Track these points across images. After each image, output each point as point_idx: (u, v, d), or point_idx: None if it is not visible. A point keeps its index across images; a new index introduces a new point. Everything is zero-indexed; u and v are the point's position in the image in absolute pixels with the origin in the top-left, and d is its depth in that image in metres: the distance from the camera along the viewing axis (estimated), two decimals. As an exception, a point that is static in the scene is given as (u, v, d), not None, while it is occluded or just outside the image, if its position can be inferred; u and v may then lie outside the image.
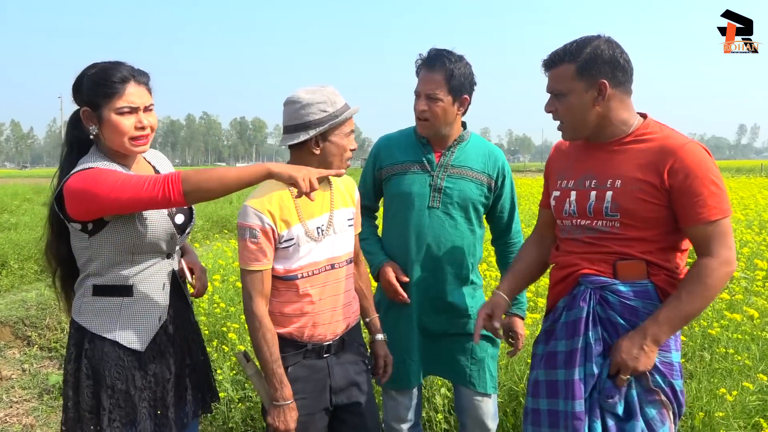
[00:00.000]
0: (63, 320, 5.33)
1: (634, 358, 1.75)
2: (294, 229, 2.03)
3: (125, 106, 1.87)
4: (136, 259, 1.98)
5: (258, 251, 1.98)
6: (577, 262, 1.92)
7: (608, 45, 1.83)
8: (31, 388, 4.35)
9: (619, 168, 1.85)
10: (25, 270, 7.67)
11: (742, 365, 3.15)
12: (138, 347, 1.98)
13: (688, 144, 1.78)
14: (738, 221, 7.28)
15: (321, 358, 2.11)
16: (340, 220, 2.16)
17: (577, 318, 1.88)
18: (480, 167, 2.41)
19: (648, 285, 1.83)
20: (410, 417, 2.52)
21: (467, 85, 2.33)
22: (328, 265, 2.11)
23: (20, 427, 3.74)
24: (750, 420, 2.79)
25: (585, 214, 1.91)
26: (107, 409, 1.94)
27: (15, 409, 4.03)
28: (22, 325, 5.18)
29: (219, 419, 3.57)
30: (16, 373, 4.62)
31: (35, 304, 5.47)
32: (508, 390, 3.18)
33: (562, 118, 1.92)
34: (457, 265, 2.41)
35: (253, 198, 2.01)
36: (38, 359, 4.87)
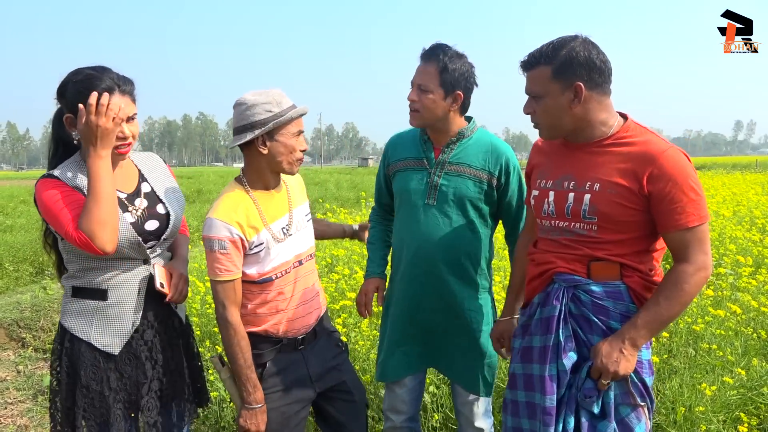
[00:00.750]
0: (57, 322, 5.36)
1: (614, 362, 1.78)
2: (262, 234, 2.10)
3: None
4: (109, 265, 2.01)
5: (228, 262, 2.03)
6: (552, 260, 1.96)
7: (584, 47, 1.83)
8: (26, 389, 4.38)
9: (598, 171, 1.86)
10: (20, 272, 7.71)
11: (726, 361, 3.19)
12: (111, 350, 2.02)
13: (669, 150, 1.79)
14: (728, 219, 7.33)
15: (296, 350, 2.22)
16: (299, 217, 2.26)
17: (550, 316, 1.92)
18: (480, 164, 2.36)
19: (620, 286, 1.87)
20: (405, 409, 2.54)
21: (461, 82, 2.30)
22: (296, 261, 2.20)
23: (15, 428, 3.77)
24: (731, 414, 2.84)
25: (563, 215, 1.93)
26: (81, 407, 2.00)
27: (9, 410, 4.06)
28: (16, 326, 5.20)
29: (211, 418, 3.61)
30: (11, 374, 4.64)
31: (30, 306, 5.50)
32: (502, 390, 3.22)
33: (539, 119, 1.93)
34: (453, 265, 2.38)
35: (217, 210, 2.05)
36: (33, 361, 4.90)
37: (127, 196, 2.06)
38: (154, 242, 2.07)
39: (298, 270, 2.21)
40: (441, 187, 2.36)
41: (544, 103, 1.89)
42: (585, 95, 1.83)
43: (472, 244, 2.39)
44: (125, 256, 2.01)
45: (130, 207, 2.04)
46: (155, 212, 2.09)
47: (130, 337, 2.04)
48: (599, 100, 1.87)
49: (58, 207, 1.87)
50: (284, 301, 2.16)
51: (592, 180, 1.87)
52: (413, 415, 2.59)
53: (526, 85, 1.93)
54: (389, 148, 2.58)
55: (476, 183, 2.36)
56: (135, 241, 2.00)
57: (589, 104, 1.85)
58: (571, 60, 1.81)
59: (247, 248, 2.07)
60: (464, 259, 2.39)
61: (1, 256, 7.96)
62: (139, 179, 2.14)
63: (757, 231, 6.66)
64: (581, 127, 1.90)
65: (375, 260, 2.63)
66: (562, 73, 1.83)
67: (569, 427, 1.84)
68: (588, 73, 1.82)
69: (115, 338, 2.02)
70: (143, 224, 2.04)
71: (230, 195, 2.10)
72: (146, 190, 2.13)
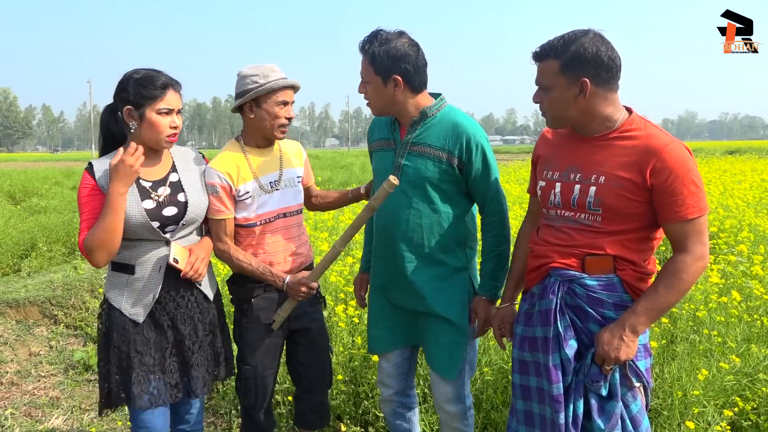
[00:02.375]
0: (87, 300, 5.60)
1: (615, 348, 1.87)
2: (249, 184, 2.50)
3: (165, 108, 2.25)
4: (135, 244, 2.31)
5: (219, 203, 2.45)
6: (549, 255, 2.04)
7: (593, 43, 1.86)
8: (58, 363, 4.63)
9: (603, 164, 1.94)
10: (54, 252, 8.00)
11: (726, 347, 3.25)
12: (137, 318, 2.33)
13: (671, 144, 1.85)
14: (751, 205, 7.23)
15: (279, 291, 2.57)
16: (289, 177, 2.63)
17: (548, 308, 2.02)
18: (439, 144, 2.33)
19: (614, 279, 1.96)
20: (392, 384, 2.63)
21: (395, 65, 2.26)
22: (280, 213, 2.58)
23: (47, 399, 4.01)
24: (728, 398, 2.91)
25: (569, 206, 2.01)
26: (114, 364, 2.33)
27: (43, 383, 4.30)
28: (49, 304, 5.45)
29: (230, 394, 3.79)
30: (44, 349, 4.90)
31: (61, 284, 5.75)
32: (499, 368, 3.32)
33: (546, 109, 2.01)
34: (416, 245, 2.39)
35: (214, 160, 2.50)
36: (64, 337, 5.15)
37: (153, 184, 2.33)
38: (173, 226, 2.32)
39: (281, 221, 2.58)
40: (403, 167, 2.38)
41: (551, 95, 1.96)
42: (590, 90, 1.89)
43: (437, 224, 2.37)
44: (141, 237, 2.29)
45: (152, 194, 2.31)
46: (176, 200, 2.34)
47: (152, 308, 2.33)
48: (605, 96, 1.92)
49: (81, 209, 2.25)
50: (267, 246, 2.56)
51: (597, 173, 1.94)
52: (402, 389, 2.66)
53: (536, 76, 2.00)
54: (369, 129, 2.65)
55: (435, 163, 2.33)
56: (148, 226, 2.27)
57: (595, 99, 1.91)
58: (579, 56, 1.87)
59: (236, 195, 2.48)
60: (428, 240, 2.38)
61: (36, 236, 8.25)
62: (170, 169, 2.40)
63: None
64: (586, 120, 1.97)
65: (364, 255, 2.80)
66: (569, 68, 1.89)
67: (579, 411, 1.95)
68: (595, 70, 1.88)
69: (140, 308, 2.32)
70: (162, 210, 2.29)
71: (226, 149, 2.54)
72: (173, 180, 2.39)
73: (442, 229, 2.39)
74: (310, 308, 2.71)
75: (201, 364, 2.42)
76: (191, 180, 2.42)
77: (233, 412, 3.69)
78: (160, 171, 2.38)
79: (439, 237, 2.39)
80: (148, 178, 2.34)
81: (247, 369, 2.60)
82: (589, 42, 1.87)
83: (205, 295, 2.47)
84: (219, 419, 3.73)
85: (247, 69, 2.47)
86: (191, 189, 2.39)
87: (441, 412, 2.56)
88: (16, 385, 4.26)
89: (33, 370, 4.49)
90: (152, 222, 2.27)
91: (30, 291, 5.64)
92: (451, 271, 2.43)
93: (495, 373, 3.31)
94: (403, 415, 2.72)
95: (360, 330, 3.77)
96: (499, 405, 3.19)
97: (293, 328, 2.68)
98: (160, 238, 2.30)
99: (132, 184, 2.24)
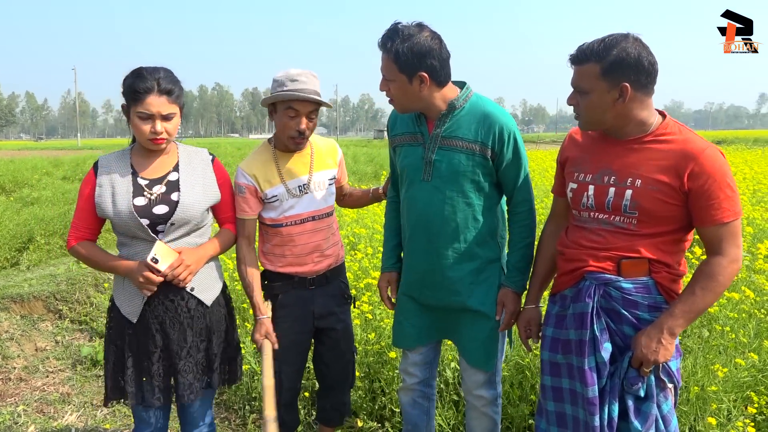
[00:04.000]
0: (92, 294, 5.57)
1: (653, 351, 1.91)
2: (276, 188, 2.54)
3: (143, 113, 2.22)
4: (131, 242, 2.35)
5: (244, 203, 2.53)
6: (583, 258, 2.06)
7: (635, 47, 1.87)
8: (65, 359, 4.61)
9: (639, 167, 1.95)
10: (51, 245, 7.93)
11: (738, 342, 3.30)
12: (131, 318, 2.35)
13: (708, 149, 1.88)
14: (746, 199, 7.31)
15: (307, 289, 2.64)
16: (320, 180, 2.64)
17: (583, 312, 2.04)
18: (472, 136, 2.30)
19: (649, 281, 1.99)
20: (417, 373, 2.64)
21: (420, 61, 2.20)
22: (309, 216, 2.61)
23: (58, 395, 4.00)
24: (742, 393, 2.96)
25: (603, 208, 2.02)
26: (110, 361, 2.40)
27: (51, 378, 4.29)
28: (53, 299, 5.42)
29: (242, 389, 3.80)
30: (50, 344, 4.87)
31: (65, 279, 5.71)
32: (515, 363, 3.36)
33: (582, 112, 2.01)
34: (451, 239, 2.37)
35: (244, 161, 2.57)
36: (70, 332, 5.12)
37: (149, 182, 2.34)
38: (162, 225, 2.30)
39: (310, 224, 2.61)
40: (435, 163, 2.35)
41: (589, 98, 1.96)
42: (630, 95, 1.90)
43: (471, 217, 2.37)
44: (136, 235, 2.30)
45: (146, 192, 2.31)
46: (168, 198, 2.32)
47: (143, 310, 2.33)
48: (642, 100, 1.94)
49: (77, 205, 2.38)
50: (295, 246, 2.59)
51: (633, 176, 1.95)
52: (426, 378, 2.68)
53: (573, 78, 1.99)
54: (390, 123, 2.60)
55: (468, 156, 2.31)
56: (137, 223, 2.27)
57: (633, 104, 1.93)
58: (621, 61, 1.87)
59: (262, 197, 2.54)
60: (463, 234, 2.37)
61: (33, 229, 8.16)
62: (172, 168, 2.38)
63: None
64: (621, 125, 1.98)
65: (386, 252, 2.71)
66: (611, 73, 1.89)
67: (614, 414, 1.98)
68: (636, 75, 1.89)
69: (132, 308, 2.34)
70: (152, 207, 2.29)
71: (258, 152, 2.61)
72: (172, 179, 2.36)
73: (476, 222, 2.38)
74: (337, 308, 2.74)
75: (188, 370, 2.38)
76: (191, 181, 2.38)
77: (247, 408, 3.70)
78: (160, 169, 2.38)
79: (473, 230, 2.38)
80: (146, 176, 2.34)
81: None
82: (631, 46, 1.87)
83: (200, 301, 2.40)
84: (233, 414, 3.74)
85: (280, 73, 2.48)
86: (188, 189, 2.35)
87: (471, 398, 2.55)
88: (25, 381, 4.24)
89: (41, 366, 4.46)
90: (141, 219, 2.25)
91: (33, 286, 5.60)
92: (486, 263, 2.43)
93: (511, 368, 3.34)
94: (423, 406, 2.72)
95: (374, 326, 3.79)
96: (516, 400, 3.23)
97: (319, 327, 2.71)
98: (150, 237, 2.28)
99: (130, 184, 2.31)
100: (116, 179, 2.31)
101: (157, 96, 2.20)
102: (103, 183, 2.30)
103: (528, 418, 3.17)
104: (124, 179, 2.31)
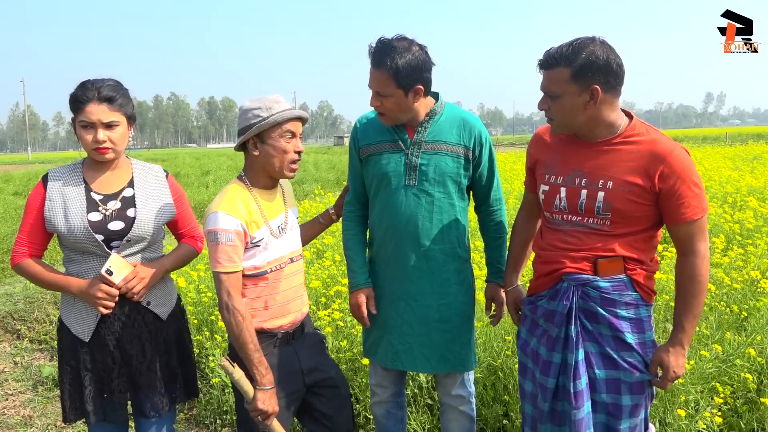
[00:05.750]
0: (51, 313, 5.41)
1: (681, 366, 2.00)
2: (262, 230, 2.25)
3: (83, 121, 2.20)
4: (82, 258, 2.28)
5: (234, 253, 2.16)
6: (560, 260, 2.09)
7: (603, 50, 1.91)
8: (25, 380, 4.45)
9: (610, 169, 1.99)
10: (5, 263, 7.66)
11: (701, 335, 3.40)
12: (82, 337, 2.28)
13: (675, 150, 1.94)
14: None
15: (288, 345, 2.35)
16: (292, 218, 2.42)
17: (559, 311, 2.08)
18: (455, 140, 2.40)
19: (624, 278, 2.03)
20: (390, 386, 2.65)
21: (416, 75, 2.26)
22: (288, 259, 2.35)
23: (19, 419, 3.86)
24: (707, 384, 3.05)
25: (576, 211, 2.06)
26: (66, 382, 2.32)
27: (11, 401, 4.13)
28: (11, 319, 5.25)
29: (213, 403, 3.73)
30: (8, 366, 4.70)
31: (23, 297, 5.53)
32: (488, 365, 3.39)
33: (554, 116, 2.04)
34: (441, 242, 2.43)
35: (222, 205, 2.18)
36: (29, 352, 4.95)
37: (104, 198, 2.30)
38: (118, 241, 2.27)
39: (289, 266, 2.35)
40: (420, 166, 2.39)
41: (560, 102, 1.99)
42: (600, 98, 1.94)
43: (455, 219, 2.45)
44: (88, 250, 2.25)
45: (101, 207, 2.26)
46: (124, 214, 2.28)
47: (97, 327, 2.27)
48: (611, 102, 1.98)
49: (23, 217, 2.29)
50: (277, 295, 2.29)
51: (604, 178, 2.00)
52: (399, 389, 2.71)
53: (543, 83, 2.02)
54: (358, 132, 2.55)
55: (454, 158, 2.40)
56: (92, 239, 2.22)
57: (602, 105, 1.97)
58: (591, 63, 1.90)
59: (248, 242, 2.21)
60: (448, 236, 2.44)
61: (-16, 247, 7.88)
62: (127, 184, 2.35)
63: (728, 207, 6.87)
64: (592, 126, 2.02)
65: (357, 269, 2.56)
66: (581, 76, 1.92)
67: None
68: (605, 77, 1.93)
69: (84, 326, 2.27)
70: (107, 223, 2.25)
71: (233, 191, 2.24)
72: (127, 195, 2.33)
73: (457, 222, 2.47)
74: (320, 356, 2.47)
75: (152, 384, 2.34)
76: (146, 197, 2.35)
77: (218, 421, 3.63)
78: (115, 184, 2.34)
79: (455, 231, 2.46)
80: (100, 191, 2.30)
81: None
82: (599, 49, 1.91)
83: (156, 315, 2.37)
84: (203, 429, 3.67)
85: (249, 102, 2.24)
86: (143, 206, 2.32)
87: (449, 399, 2.59)
88: (-17, 405, 4.08)
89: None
90: (96, 235, 2.21)
91: (-12, 306, 5.41)
92: (463, 263, 2.52)
93: (484, 370, 3.37)
94: (397, 415, 2.74)
95: (345, 333, 3.77)
96: (489, 401, 3.25)
97: (311, 383, 2.39)
98: (104, 252, 2.24)
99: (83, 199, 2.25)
100: (68, 193, 2.25)
101: (97, 104, 2.18)
102: (54, 197, 2.24)
103: (502, 418, 3.20)
104: (77, 193, 2.26)
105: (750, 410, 3.01)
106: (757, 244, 5.02)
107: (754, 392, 3.06)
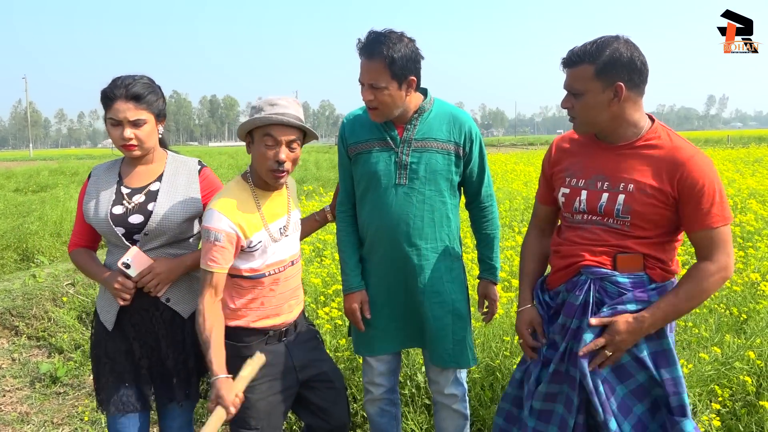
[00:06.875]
0: (49, 309, 5.40)
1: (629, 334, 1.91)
2: (260, 233, 2.21)
3: (110, 118, 2.22)
4: (112, 250, 2.35)
5: (219, 255, 2.11)
6: (579, 253, 2.06)
7: (627, 48, 1.90)
8: (22, 377, 4.44)
9: (631, 173, 1.97)
10: (5, 259, 7.66)
11: (701, 337, 3.39)
12: (107, 326, 2.33)
13: (696, 156, 1.92)
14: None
15: (280, 342, 2.34)
16: (295, 221, 2.39)
17: (574, 302, 2.04)
18: (445, 136, 2.38)
19: (643, 276, 2.00)
20: (383, 383, 2.62)
21: (410, 65, 2.24)
22: (289, 262, 2.34)
23: (16, 415, 3.85)
24: (706, 387, 3.04)
25: (595, 211, 2.04)
26: (94, 370, 2.40)
27: (8, 397, 4.13)
28: (8, 315, 5.23)
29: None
30: (6, 362, 4.70)
31: (21, 294, 5.52)
32: (486, 365, 3.38)
33: (577, 114, 2.02)
34: (432, 241, 2.41)
35: (219, 203, 2.14)
36: (27, 348, 4.94)
37: (131, 191, 2.32)
38: (138, 234, 2.28)
39: (289, 269, 2.33)
40: (411, 165, 2.37)
41: (584, 100, 1.97)
42: (624, 95, 1.92)
43: (447, 217, 2.44)
44: (115, 243, 2.30)
45: (125, 200, 2.29)
46: (144, 208, 2.28)
47: (119, 317, 2.30)
48: (635, 101, 1.97)
49: (77, 215, 2.40)
50: (274, 297, 2.29)
51: (625, 181, 1.98)
52: (392, 386, 2.68)
53: (566, 81, 2.00)
54: (345, 130, 2.51)
55: (445, 156, 2.38)
56: (112, 232, 2.26)
57: (626, 104, 1.95)
58: (614, 61, 1.89)
59: (245, 246, 2.17)
60: (439, 233, 2.43)
61: (-16, 243, 7.88)
62: (156, 178, 2.36)
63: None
64: (615, 126, 2.00)
65: (350, 271, 2.53)
66: (605, 73, 1.90)
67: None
68: (629, 74, 1.91)
69: (109, 316, 2.32)
70: (128, 217, 2.27)
71: (234, 189, 2.22)
72: (153, 189, 2.33)
73: (449, 220, 2.46)
74: (315, 352, 2.46)
75: (167, 379, 2.34)
76: (171, 191, 2.33)
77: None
78: (145, 178, 2.35)
79: (447, 228, 2.46)
80: (129, 185, 2.33)
81: None
82: (623, 46, 1.90)
83: (176, 312, 2.34)
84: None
85: (255, 101, 2.24)
86: (164, 200, 2.30)
87: (442, 398, 2.58)
88: (-20, 401, 4.07)
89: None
90: (116, 228, 2.24)
91: (-13, 302, 5.40)
92: (454, 260, 2.51)
93: (482, 370, 3.36)
94: (390, 413, 2.72)
95: (343, 332, 3.76)
96: (487, 402, 3.24)
97: (304, 378, 2.39)
98: (125, 245, 2.26)
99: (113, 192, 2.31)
100: (102, 187, 2.33)
101: (124, 102, 2.19)
102: (91, 191, 2.33)
103: (500, 419, 3.18)
104: (109, 187, 2.33)
105: (749, 413, 2.99)
106: (758, 247, 5.01)
107: (753, 395, 3.05)
